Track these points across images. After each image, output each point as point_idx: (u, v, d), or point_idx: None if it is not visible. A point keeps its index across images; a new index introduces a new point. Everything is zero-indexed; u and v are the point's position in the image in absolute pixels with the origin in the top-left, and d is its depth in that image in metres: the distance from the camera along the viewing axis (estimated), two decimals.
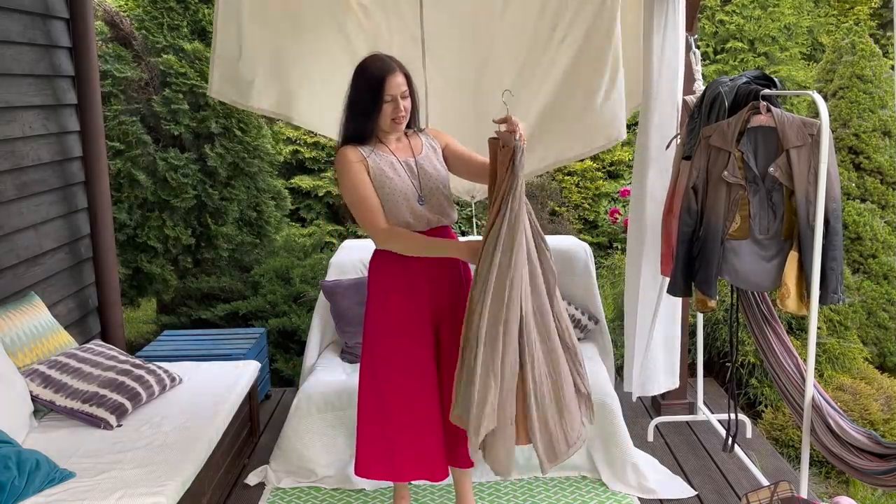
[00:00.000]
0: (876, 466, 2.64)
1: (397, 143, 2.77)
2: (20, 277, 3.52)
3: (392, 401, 2.77)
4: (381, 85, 2.60)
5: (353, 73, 2.68)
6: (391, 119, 2.65)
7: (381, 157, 2.70)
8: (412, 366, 2.75)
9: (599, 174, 7.08)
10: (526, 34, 3.79)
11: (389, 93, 2.61)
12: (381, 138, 2.74)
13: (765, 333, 3.19)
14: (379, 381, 2.79)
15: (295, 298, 5.25)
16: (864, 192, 5.12)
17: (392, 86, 2.60)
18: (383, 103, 2.62)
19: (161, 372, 3.34)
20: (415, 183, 2.72)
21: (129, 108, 5.31)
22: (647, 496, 3.32)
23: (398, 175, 2.69)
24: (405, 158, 2.74)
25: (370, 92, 2.62)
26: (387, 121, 2.66)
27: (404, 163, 2.73)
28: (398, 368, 2.76)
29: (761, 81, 3.03)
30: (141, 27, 5.41)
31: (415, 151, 2.77)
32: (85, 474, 2.59)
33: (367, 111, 2.64)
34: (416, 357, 2.75)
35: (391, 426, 2.79)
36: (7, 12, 3.48)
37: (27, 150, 3.60)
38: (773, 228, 2.89)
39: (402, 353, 2.75)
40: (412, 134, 2.82)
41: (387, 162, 2.70)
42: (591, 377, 3.54)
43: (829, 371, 4.48)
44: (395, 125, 2.68)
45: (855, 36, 5.23)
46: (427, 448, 2.79)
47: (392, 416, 2.78)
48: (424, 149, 2.80)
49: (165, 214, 5.38)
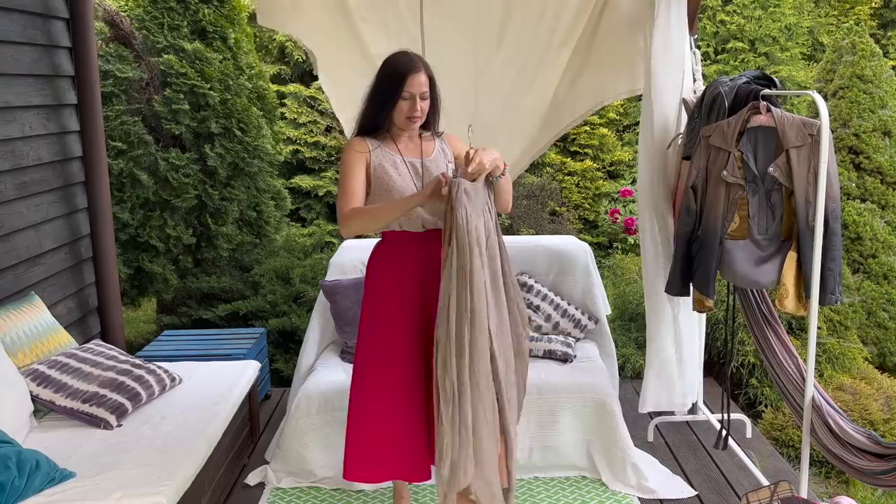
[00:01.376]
0: (875, 466, 2.64)
1: (408, 141, 2.77)
2: (20, 277, 3.52)
3: (377, 398, 2.77)
4: (401, 80, 2.62)
5: (381, 65, 2.71)
6: (406, 116, 2.67)
7: (385, 154, 2.71)
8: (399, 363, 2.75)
9: (599, 174, 7.08)
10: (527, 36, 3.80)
11: (409, 90, 2.62)
12: (394, 135, 2.75)
13: (765, 333, 3.19)
14: (366, 379, 2.79)
15: (295, 298, 5.25)
16: (864, 192, 5.12)
17: (413, 83, 2.62)
18: (401, 99, 2.64)
19: (161, 372, 3.34)
20: (417, 183, 2.72)
21: (131, 108, 5.31)
22: (647, 496, 3.32)
23: (399, 174, 2.70)
24: (412, 158, 2.75)
25: (390, 86, 2.64)
26: (402, 117, 2.68)
27: (409, 163, 2.73)
28: (384, 366, 2.76)
29: (761, 81, 3.03)
30: (141, 27, 5.41)
31: (424, 153, 2.77)
32: (85, 474, 2.59)
33: (384, 104, 2.67)
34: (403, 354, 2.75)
35: (375, 424, 2.78)
36: (7, 12, 3.48)
37: (27, 150, 3.60)
38: (772, 228, 2.89)
39: (389, 350, 2.75)
40: (427, 136, 2.82)
41: (390, 159, 2.71)
42: (592, 377, 3.55)
43: (829, 371, 4.48)
44: (409, 123, 2.69)
45: (855, 36, 5.23)
46: (411, 447, 2.78)
47: (377, 413, 2.77)
48: (435, 152, 2.80)
49: (166, 214, 5.38)
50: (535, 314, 3.93)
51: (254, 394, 3.81)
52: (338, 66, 3.96)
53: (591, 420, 3.44)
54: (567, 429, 3.46)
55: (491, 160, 2.49)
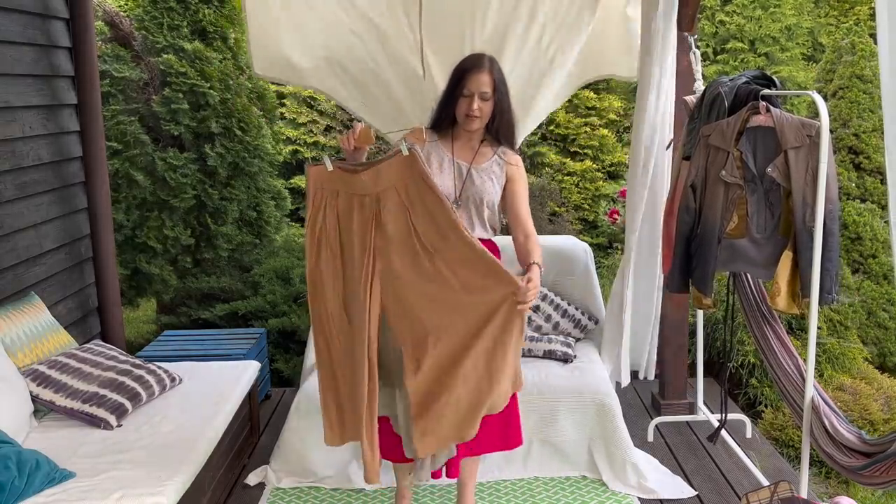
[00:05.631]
0: (856, 463, 2.65)
1: (466, 143, 2.79)
2: (20, 277, 3.52)
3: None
4: (462, 78, 2.67)
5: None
6: (465, 114, 2.69)
7: (436, 148, 2.77)
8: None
9: (599, 175, 7.08)
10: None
11: (468, 87, 2.66)
12: (455, 134, 2.79)
13: (765, 333, 3.19)
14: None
15: (295, 298, 5.25)
16: (864, 192, 5.12)
17: (472, 81, 2.65)
18: (460, 96, 2.67)
19: (161, 372, 3.34)
20: (457, 184, 2.74)
21: (128, 108, 5.30)
22: (647, 496, 3.32)
23: (441, 171, 2.75)
24: (460, 160, 2.77)
25: (453, 82, 2.70)
26: (461, 114, 2.71)
27: (457, 164, 2.76)
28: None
29: (761, 81, 3.03)
30: (141, 27, 5.41)
31: (476, 159, 2.77)
32: (85, 474, 2.59)
33: (448, 100, 2.73)
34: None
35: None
36: (7, 12, 3.48)
37: (27, 150, 3.60)
38: (771, 228, 2.90)
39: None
40: (490, 144, 2.80)
41: (438, 155, 2.76)
42: (592, 377, 3.56)
43: (829, 371, 4.48)
44: (468, 122, 2.70)
45: (855, 36, 5.24)
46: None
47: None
48: (487, 163, 2.78)
49: (164, 214, 5.38)
50: (535, 314, 3.93)
51: (254, 394, 3.81)
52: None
53: (591, 420, 3.44)
54: (567, 429, 3.46)
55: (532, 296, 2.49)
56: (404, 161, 2.51)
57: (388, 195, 2.52)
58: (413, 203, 2.51)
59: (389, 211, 2.53)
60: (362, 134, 2.59)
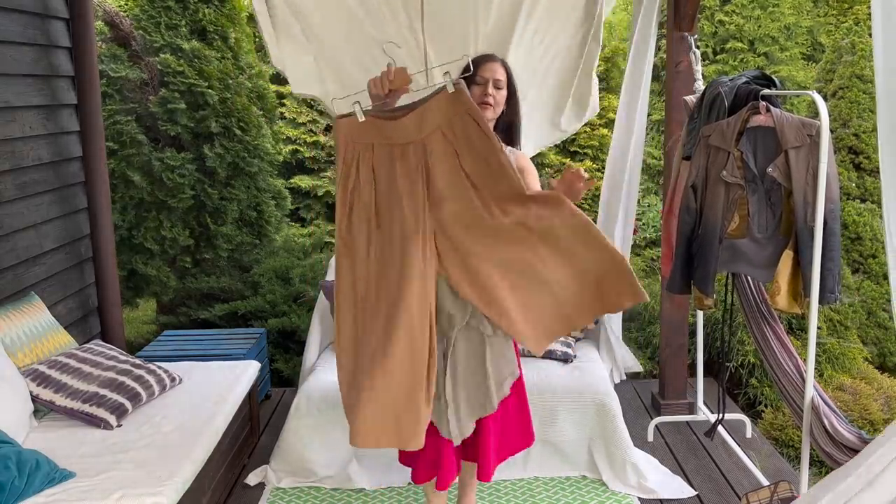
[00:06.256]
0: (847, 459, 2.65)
1: None
2: (20, 277, 3.52)
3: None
4: (476, 67, 2.72)
5: None
6: (479, 102, 2.70)
7: None
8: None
9: (599, 174, 7.08)
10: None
11: (482, 75, 2.72)
12: None
13: (764, 333, 3.19)
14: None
15: (295, 298, 5.25)
16: (864, 192, 5.12)
17: (486, 69, 2.72)
18: (474, 84, 2.71)
19: (161, 372, 3.33)
20: None
21: (125, 108, 5.30)
22: (647, 496, 3.32)
23: None
24: None
25: (470, 73, 2.71)
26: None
27: None
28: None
29: (761, 81, 3.03)
30: (138, 26, 5.40)
31: None
32: (85, 474, 2.59)
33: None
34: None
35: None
36: (7, 12, 3.48)
37: (27, 150, 3.60)
38: (772, 227, 2.90)
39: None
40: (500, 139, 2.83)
41: None
42: (592, 378, 3.56)
43: (829, 371, 4.48)
44: (482, 110, 2.67)
45: (855, 36, 5.23)
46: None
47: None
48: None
49: (162, 215, 5.37)
50: None
51: (254, 394, 3.81)
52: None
53: (591, 420, 3.44)
54: (567, 429, 3.46)
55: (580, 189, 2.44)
56: (450, 98, 2.30)
57: (433, 140, 2.33)
58: (459, 144, 2.34)
59: (437, 158, 2.33)
60: (398, 75, 2.32)
